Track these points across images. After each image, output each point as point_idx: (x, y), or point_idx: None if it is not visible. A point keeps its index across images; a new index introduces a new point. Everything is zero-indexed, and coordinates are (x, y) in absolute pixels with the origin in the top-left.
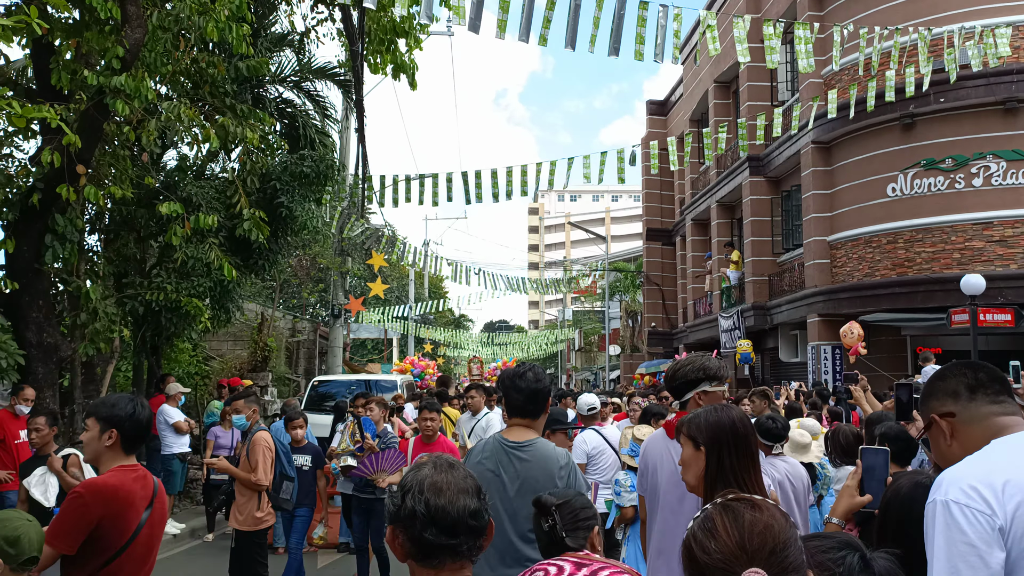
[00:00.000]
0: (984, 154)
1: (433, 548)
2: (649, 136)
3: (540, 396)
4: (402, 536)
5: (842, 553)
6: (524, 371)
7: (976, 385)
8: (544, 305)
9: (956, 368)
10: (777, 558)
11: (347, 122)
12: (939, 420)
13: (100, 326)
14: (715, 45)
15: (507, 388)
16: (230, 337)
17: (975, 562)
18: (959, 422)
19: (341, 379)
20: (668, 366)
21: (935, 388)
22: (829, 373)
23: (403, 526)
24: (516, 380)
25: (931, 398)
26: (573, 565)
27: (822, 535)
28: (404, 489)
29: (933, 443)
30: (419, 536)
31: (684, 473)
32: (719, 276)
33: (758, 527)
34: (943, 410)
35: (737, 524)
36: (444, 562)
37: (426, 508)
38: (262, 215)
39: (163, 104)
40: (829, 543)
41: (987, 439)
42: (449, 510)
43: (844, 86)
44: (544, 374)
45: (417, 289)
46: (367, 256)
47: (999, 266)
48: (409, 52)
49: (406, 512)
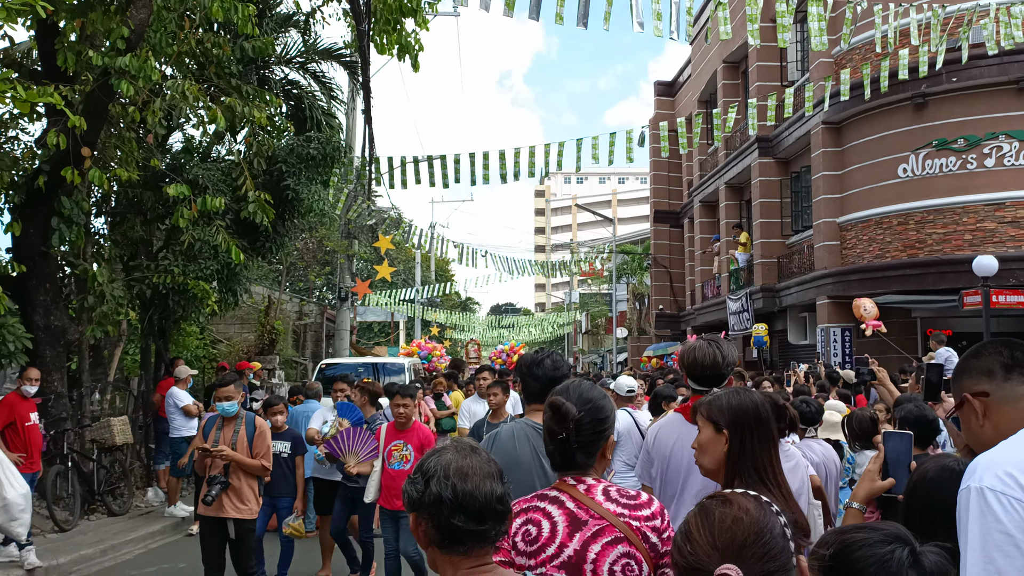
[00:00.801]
0: (996, 134)
1: (462, 535)
2: (657, 117)
3: (557, 383)
4: (426, 523)
5: (891, 547)
6: (542, 358)
7: (1012, 364)
8: (551, 288)
9: (992, 346)
10: (750, 550)
11: (353, 103)
12: (972, 399)
13: (107, 309)
14: (726, 28)
15: (524, 375)
16: (237, 320)
17: (1011, 551)
18: (993, 402)
19: (348, 362)
20: (696, 352)
21: (969, 366)
22: (839, 355)
23: (428, 513)
24: (534, 368)
25: (964, 376)
26: (567, 518)
27: (869, 526)
28: (427, 474)
29: (964, 422)
30: (446, 523)
31: (701, 456)
32: (727, 258)
33: (726, 522)
34: (976, 389)
35: (708, 523)
36: (471, 549)
37: (453, 494)
38: (268, 198)
39: (168, 84)
40: (877, 535)
41: (1021, 421)
42: (476, 495)
43: (856, 65)
44: (563, 361)
45: (424, 272)
46: (374, 239)
47: (1011, 247)
48: (416, 32)
49: (431, 498)
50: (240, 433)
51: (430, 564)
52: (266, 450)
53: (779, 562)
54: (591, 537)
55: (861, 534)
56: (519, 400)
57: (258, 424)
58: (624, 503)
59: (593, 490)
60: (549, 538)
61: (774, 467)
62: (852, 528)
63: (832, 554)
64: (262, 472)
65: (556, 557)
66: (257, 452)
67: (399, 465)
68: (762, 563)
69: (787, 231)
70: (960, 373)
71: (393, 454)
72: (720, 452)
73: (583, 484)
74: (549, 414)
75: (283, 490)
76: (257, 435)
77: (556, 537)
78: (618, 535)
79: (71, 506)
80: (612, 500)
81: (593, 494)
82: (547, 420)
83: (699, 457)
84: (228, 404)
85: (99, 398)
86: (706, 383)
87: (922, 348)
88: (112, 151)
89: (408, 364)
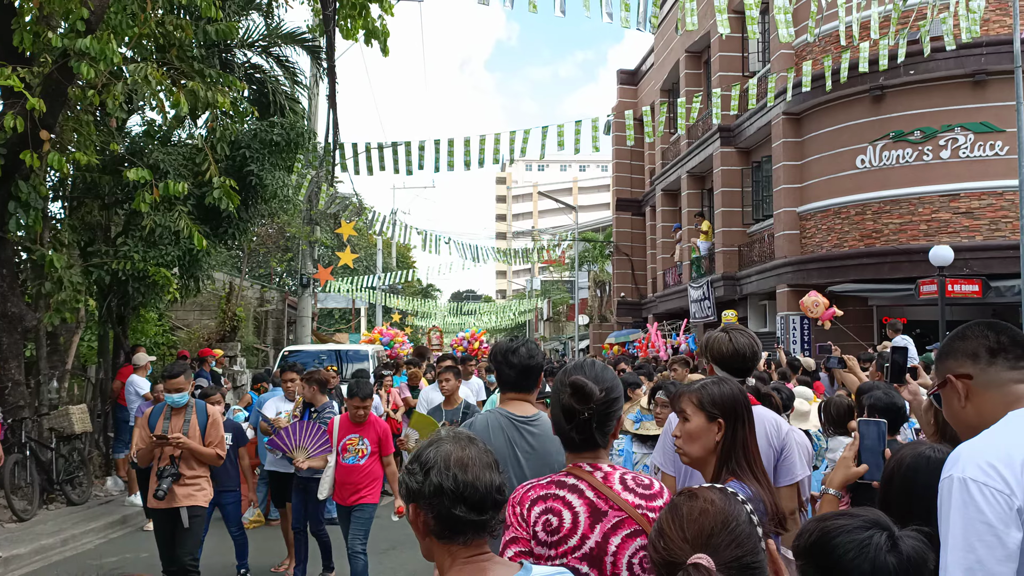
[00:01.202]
0: (952, 126)
1: (463, 525)
2: (620, 106)
3: (533, 372)
4: (426, 514)
5: (869, 532)
6: (517, 346)
7: (997, 348)
8: (512, 275)
9: (978, 328)
10: (718, 538)
11: (316, 89)
12: (955, 381)
13: (66, 296)
14: (692, 19)
15: (499, 363)
16: (197, 307)
17: (992, 541)
18: (976, 385)
19: (311, 349)
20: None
21: (954, 347)
22: (797, 343)
23: (429, 504)
24: (508, 356)
25: (948, 357)
26: (588, 509)
27: (848, 513)
28: (426, 465)
29: (946, 403)
30: (448, 513)
31: (688, 445)
32: (689, 246)
33: (694, 514)
34: (960, 371)
35: (677, 517)
36: (471, 539)
37: (454, 484)
38: (233, 184)
39: (129, 67)
40: (856, 522)
41: (1004, 407)
42: (477, 486)
43: (816, 57)
44: (537, 349)
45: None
46: (336, 225)
47: (965, 238)
48: (381, 18)
49: (432, 489)
50: (192, 422)
51: (425, 554)
52: (219, 439)
53: (747, 547)
54: (611, 529)
55: (840, 521)
56: (482, 387)
57: (211, 412)
58: (641, 493)
59: (611, 478)
60: (571, 529)
61: (758, 455)
62: (832, 515)
63: (813, 542)
64: (215, 461)
65: (578, 549)
66: (210, 441)
67: (353, 460)
68: (731, 549)
69: (748, 220)
70: (945, 354)
71: (348, 448)
72: (712, 441)
73: (600, 471)
74: (569, 393)
75: (225, 483)
76: (210, 424)
77: (578, 528)
78: (636, 528)
79: (30, 496)
80: (629, 490)
81: (611, 483)
82: (567, 400)
83: (686, 446)
84: (178, 396)
85: (57, 386)
86: (740, 374)
87: (878, 336)
88: (69, 134)
89: (372, 351)
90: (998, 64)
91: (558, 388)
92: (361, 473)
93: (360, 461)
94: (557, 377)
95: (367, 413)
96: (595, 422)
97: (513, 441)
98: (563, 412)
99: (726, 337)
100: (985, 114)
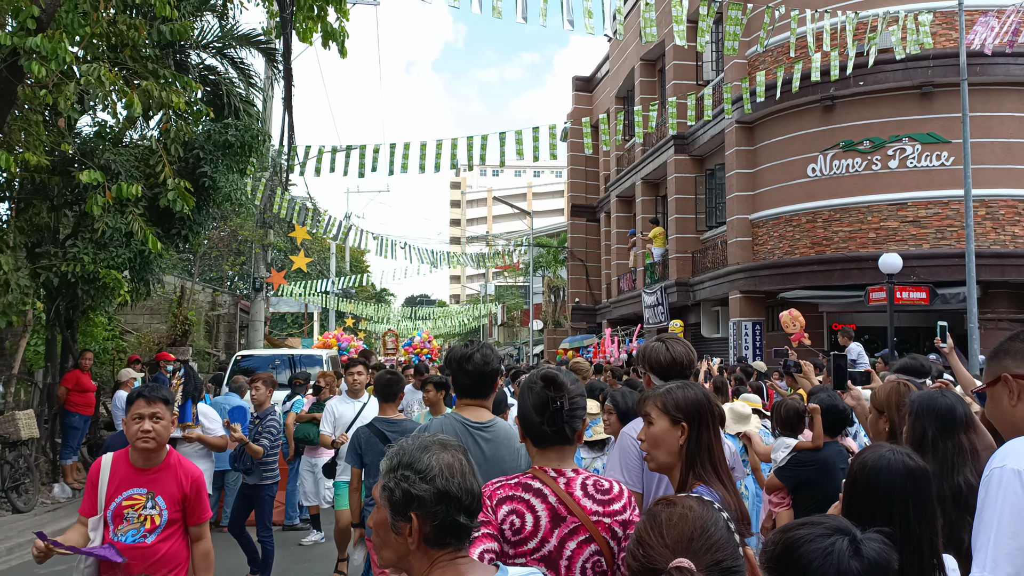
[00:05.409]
0: (900, 137)
1: (463, 531)
2: (576, 112)
3: (488, 378)
4: (422, 522)
5: (832, 539)
6: (471, 353)
7: None
8: (466, 280)
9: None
10: (697, 543)
11: (271, 91)
12: (1012, 380)
13: (12, 298)
14: (650, 30)
15: (455, 370)
16: (147, 310)
17: None
18: None
19: (264, 354)
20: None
21: (1013, 348)
22: (750, 348)
23: (430, 512)
24: (464, 363)
25: (1007, 356)
26: (549, 514)
27: (811, 521)
28: (427, 473)
29: (994, 401)
30: (451, 520)
31: (654, 450)
32: (643, 252)
33: (672, 520)
34: (1017, 371)
35: (656, 524)
36: (464, 545)
37: (459, 491)
38: (187, 185)
39: (82, 68)
40: (818, 530)
41: None
42: (474, 491)
43: (769, 67)
44: (493, 355)
45: (338, 263)
46: (290, 228)
47: (912, 246)
48: (340, 20)
49: (432, 496)
50: None
51: (387, 563)
52: None
53: (727, 551)
54: (568, 535)
55: (803, 530)
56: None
57: None
58: (599, 499)
59: (572, 484)
60: (532, 532)
61: (723, 458)
62: (794, 525)
63: (779, 553)
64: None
65: (537, 551)
66: None
67: (134, 535)
68: (711, 554)
69: (701, 227)
70: (1003, 353)
71: (124, 514)
72: (676, 445)
73: (563, 477)
74: (541, 385)
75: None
76: None
77: (539, 532)
78: (589, 535)
79: None
80: (589, 496)
81: (572, 489)
82: (539, 392)
83: (651, 451)
84: None
85: (3, 391)
86: None
87: (828, 342)
88: (18, 134)
89: (326, 356)
90: (944, 76)
91: (529, 386)
92: (148, 561)
93: (147, 538)
94: (526, 380)
95: (161, 443)
96: (566, 414)
97: (467, 448)
98: (535, 404)
99: (663, 346)
100: (932, 125)
